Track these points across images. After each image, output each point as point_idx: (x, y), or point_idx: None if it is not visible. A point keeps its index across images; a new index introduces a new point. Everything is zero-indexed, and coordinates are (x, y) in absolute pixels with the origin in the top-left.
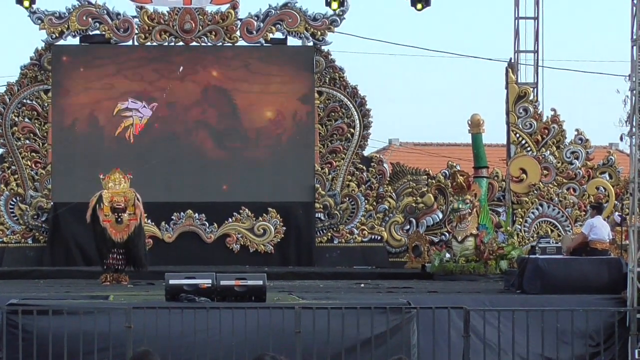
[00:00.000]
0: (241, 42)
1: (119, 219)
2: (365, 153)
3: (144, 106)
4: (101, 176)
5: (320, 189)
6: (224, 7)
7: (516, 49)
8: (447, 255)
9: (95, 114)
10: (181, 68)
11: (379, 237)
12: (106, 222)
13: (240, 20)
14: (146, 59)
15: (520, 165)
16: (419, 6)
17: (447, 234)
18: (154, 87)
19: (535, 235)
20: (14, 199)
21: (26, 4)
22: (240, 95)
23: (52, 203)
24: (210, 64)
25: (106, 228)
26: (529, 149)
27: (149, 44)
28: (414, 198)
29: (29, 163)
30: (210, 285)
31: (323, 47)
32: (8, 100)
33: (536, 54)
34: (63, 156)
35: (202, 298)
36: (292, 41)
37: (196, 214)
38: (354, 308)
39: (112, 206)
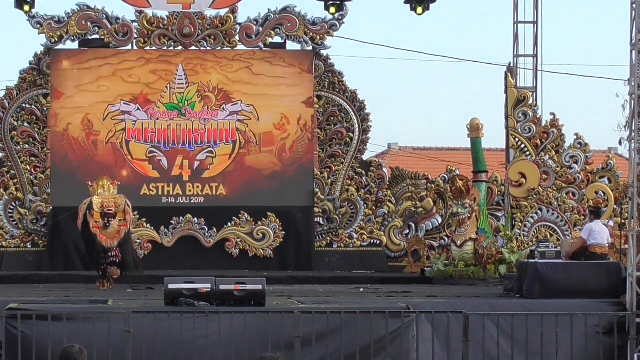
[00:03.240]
0: (240, 47)
1: (107, 224)
2: (365, 157)
3: (138, 109)
4: (89, 183)
5: (319, 193)
6: (223, 12)
7: (515, 53)
8: (446, 260)
9: (92, 118)
10: None
11: (378, 242)
12: (96, 228)
13: (240, 24)
14: (143, 60)
15: (519, 169)
16: (420, 10)
17: (446, 239)
18: (151, 90)
19: (534, 239)
20: (13, 204)
21: (26, 8)
22: (243, 98)
23: (51, 207)
24: (211, 65)
25: (96, 234)
26: (528, 153)
27: (148, 48)
28: (413, 202)
29: (28, 167)
30: (209, 289)
31: (322, 52)
32: (7, 104)
33: (535, 58)
34: (62, 160)
35: (201, 302)
36: (291, 46)
37: (195, 219)
38: (354, 312)
39: (103, 212)
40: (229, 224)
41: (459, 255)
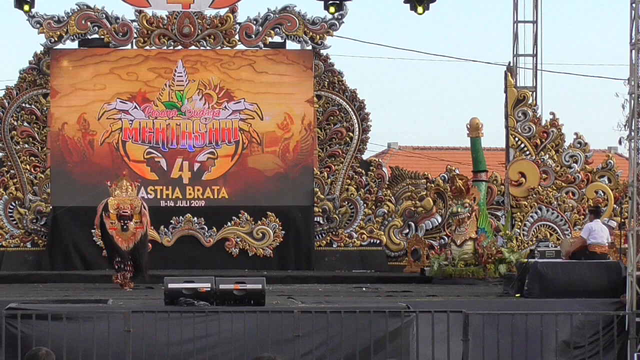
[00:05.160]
0: (240, 46)
1: (125, 227)
2: (364, 157)
3: (135, 107)
4: (108, 183)
5: (319, 192)
6: (222, 11)
7: (515, 52)
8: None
9: (88, 117)
10: None
11: (378, 241)
12: (112, 229)
13: (239, 24)
14: (142, 57)
15: (519, 169)
16: (420, 10)
17: (446, 238)
18: (149, 87)
19: (534, 239)
20: (13, 203)
21: (26, 8)
22: (245, 96)
23: (51, 207)
24: (212, 63)
25: (113, 236)
26: (528, 152)
27: (147, 47)
28: (413, 202)
29: (28, 167)
30: (209, 289)
31: (322, 51)
32: (7, 104)
33: (535, 58)
34: (58, 161)
35: (201, 302)
36: (291, 45)
37: (195, 218)
38: (353, 312)
39: (118, 214)
40: (229, 223)
41: (458, 254)
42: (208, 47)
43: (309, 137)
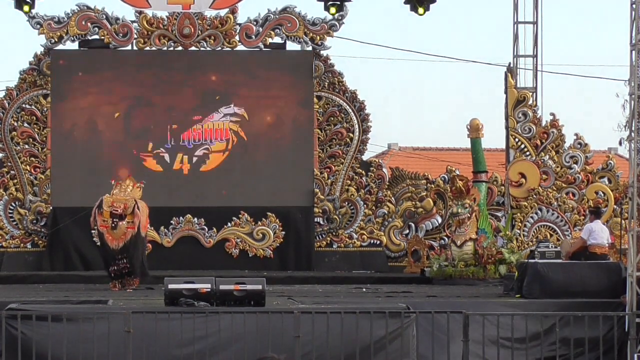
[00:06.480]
0: (240, 47)
1: (114, 225)
2: (365, 157)
3: (139, 109)
4: (112, 182)
5: (319, 193)
6: (223, 12)
7: (515, 53)
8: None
9: (94, 119)
10: None
11: (378, 242)
12: (103, 227)
13: (239, 24)
14: (145, 62)
15: (519, 169)
16: (421, 11)
17: (446, 239)
18: (153, 92)
19: (534, 239)
20: (13, 204)
21: (26, 8)
22: (239, 100)
23: (51, 208)
24: (210, 68)
25: (103, 233)
26: (528, 153)
27: (147, 48)
28: (413, 202)
29: (28, 168)
30: (209, 289)
31: (322, 52)
32: (7, 105)
33: (535, 59)
34: (62, 161)
35: (201, 303)
36: (291, 46)
37: (195, 219)
38: (353, 312)
39: (111, 211)
40: (229, 224)
41: (458, 255)
42: (208, 48)
43: (300, 139)
